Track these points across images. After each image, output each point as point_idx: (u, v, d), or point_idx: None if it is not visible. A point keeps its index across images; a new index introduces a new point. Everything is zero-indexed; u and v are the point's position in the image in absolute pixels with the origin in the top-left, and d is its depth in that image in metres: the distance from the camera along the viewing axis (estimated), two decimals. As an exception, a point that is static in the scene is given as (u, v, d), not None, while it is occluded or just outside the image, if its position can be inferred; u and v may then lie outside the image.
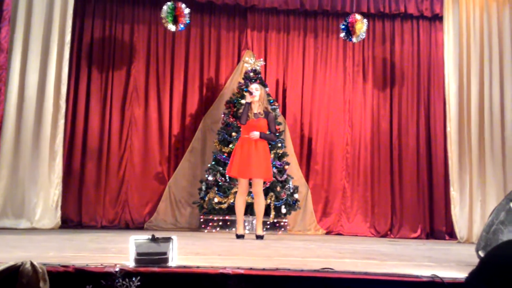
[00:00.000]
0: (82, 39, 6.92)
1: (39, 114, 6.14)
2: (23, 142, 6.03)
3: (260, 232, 5.19)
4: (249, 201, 6.08)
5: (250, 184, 5.34)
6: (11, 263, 1.90)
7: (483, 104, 6.60)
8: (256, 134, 5.14)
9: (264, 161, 5.19)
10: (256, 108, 5.25)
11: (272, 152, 6.31)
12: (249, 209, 6.03)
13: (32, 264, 1.88)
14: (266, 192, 6.28)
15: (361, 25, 6.42)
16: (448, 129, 6.69)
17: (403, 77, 7.36)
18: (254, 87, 5.30)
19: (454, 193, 6.54)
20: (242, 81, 6.88)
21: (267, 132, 5.23)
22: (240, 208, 5.20)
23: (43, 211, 6.07)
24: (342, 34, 6.55)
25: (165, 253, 2.11)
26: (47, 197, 6.11)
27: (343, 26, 6.49)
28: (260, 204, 5.21)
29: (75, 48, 6.79)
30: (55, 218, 6.16)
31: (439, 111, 7.17)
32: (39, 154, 6.09)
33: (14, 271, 1.87)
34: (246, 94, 5.27)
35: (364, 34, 6.52)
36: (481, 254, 2.75)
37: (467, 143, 6.60)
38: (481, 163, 6.53)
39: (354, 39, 6.52)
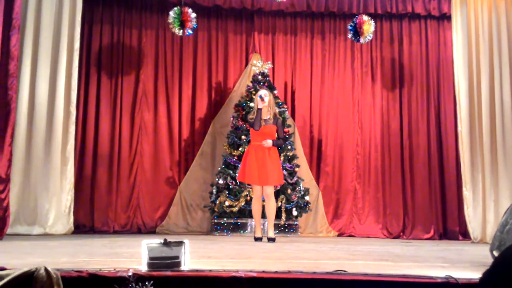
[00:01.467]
0: (91, 46, 6.97)
1: (50, 121, 6.19)
2: (34, 148, 6.08)
3: (271, 234, 5.23)
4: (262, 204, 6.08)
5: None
6: (25, 269, 1.92)
7: (494, 102, 6.54)
8: (269, 142, 5.28)
9: (278, 167, 5.39)
10: (265, 114, 5.30)
11: (282, 154, 6.31)
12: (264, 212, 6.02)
13: (46, 270, 1.90)
14: (277, 194, 6.27)
15: (369, 26, 6.40)
16: (459, 128, 6.64)
17: (412, 77, 7.32)
18: (263, 93, 5.36)
19: (466, 193, 6.48)
20: (251, 84, 6.88)
21: (276, 137, 5.35)
22: (257, 212, 5.36)
23: (55, 217, 6.11)
24: (349, 35, 6.53)
25: (177, 257, 2.11)
26: (59, 203, 6.15)
27: (351, 27, 6.47)
28: (271, 207, 5.31)
29: (84, 54, 6.84)
30: (68, 223, 6.20)
31: (450, 111, 7.12)
32: (50, 160, 6.14)
33: (28, 277, 1.89)
34: (258, 100, 5.29)
35: (371, 35, 6.50)
36: (496, 254, 2.73)
37: (478, 142, 6.54)
38: (493, 162, 6.47)
39: (361, 40, 6.50)
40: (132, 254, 3.14)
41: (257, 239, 5.27)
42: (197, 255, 3.07)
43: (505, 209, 3.03)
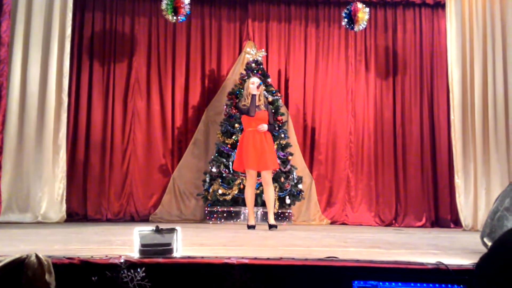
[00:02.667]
0: (83, 33, 6.91)
1: (42, 108, 6.14)
2: (26, 136, 6.04)
3: (272, 221, 5.22)
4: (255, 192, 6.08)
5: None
6: (17, 255, 1.91)
7: (487, 91, 6.55)
8: (265, 126, 5.30)
9: (274, 152, 5.46)
10: (258, 101, 5.31)
11: (275, 142, 6.31)
12: (257, 200, 6.03)
13: (37, 257, 1.89)
14: (270, 182, 6.27)
15: (363, 14, 6.38)
16: (451, 117, 6.65)
17: (406, 66, 7.32)
18: (256, 81, 5.39)
19: (458, 181, 6.52)
20: (244, 72, 6.85)
21: (268, 123, 5.38)
22: (250, 200, 5.33)
23: (48, 204, 6.09)
24: (343, 23, 6.51)
25: (169, 244, 2.11)
26: (51, 191, 6.13)
27: (345, 15, 6.45)
28: (271, 194, 5.31)
29: (76, 41, 6.78)
30: (60, 211, 6.18)
31: (443, 100, 7.14)
32: (42, 148, 6.10)
33: (19, 263, 1.88)
34: (253, 86, 5.27)
35: (365, 23, 6.49)
36: (486, 241, 2.75)
37: (471, 131, 6.56)
38: (485, 151, 6.50)
39: (356, 28, 6.48)
40: (124, 242, 3.13)
41: (250, 227, 5.23)
42: (190, 243, 3.07)
43: (496, 197, 3.06)
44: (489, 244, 2.68)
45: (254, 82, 5.36)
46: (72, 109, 6.73)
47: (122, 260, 1.96)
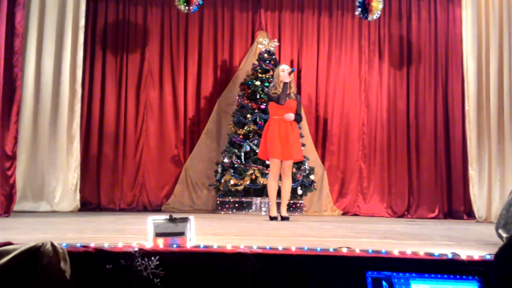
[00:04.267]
0: (96, 23, 6.93)
1: (56, 99, 6.19)
2: (40, 126, 6.10)
3: (285, 213, 5.19)
4: (264, 182, 6.10)
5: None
6: (32, 244, 1.93)
7: (502, 82, 6.45)
8: (291, 115, 5.18)
9: (299, 142, 5.37)
10: (288, 89, 5.20)
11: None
12: (266, 191, 6.03)
13: (52, 245, 1.91)
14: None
15: (377, 4, 6.31)
16: (466, 107, 6.57)
17: (420, 55, 7.23)
18: (286, 68, 5.24)
19: (472, 172, 6.45)
20: (257, 63, 6.84)
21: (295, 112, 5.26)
22: (273, 190, 5.23)
23: (62, 194, 6.16)
24: (357, 12, 6.44)
25: (183, 233, 2.12)
26: (66, 180, 6.20)
27: (359, 4, 6.37)
28: (288, 187, 5.27)
29: (89, 32, 6.81)
30: (74, 201, 6.25)
31: (457, 90, 7.05)
32: (57, 138, 6.16)
33: (35, 251, 1.90)
34: (284, 74, 5.14)
35: (380, 13, 6.41)
36: (501, 232, 2.72)
37: (485, 122, 6.47)
38: (500, 142, 6.41)
39: (369, 17, 6.41)
40: (138, 231, 3.16)
41: (273, 218, 5.13)
42: (203, 232, 3.09)
43: (510, 188, 3.02)
44: (504, 235, 2.65)
45: (284, 69, 5.20)
46: (86, 99, 6.77)
47: (136, 249, 1.98)
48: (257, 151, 6.03)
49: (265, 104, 6.38)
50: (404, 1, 7.29)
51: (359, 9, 6.39)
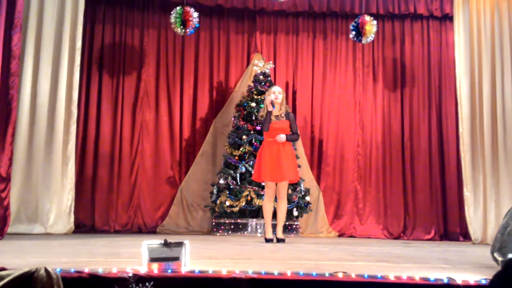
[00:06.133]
0: (93, 45, 6.98)
1: (51, 120, 6.18)
2: (35, 147, 6.08)
3: (280, 235, 5.20)
4: (260, 204, 6.09)
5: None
6: (26, 269, 1.91)
7: (496, 104, 6.52)
8: (282, 137, 5.21)
9: (293, 163, 5.33)
10: (278, 110, 5.28)
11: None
12: (261, 213, 6.02)
13: (46, 270, 1.89)
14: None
15: (371, 27, 6.40)
16: (460, 129, 6.61)
17: (414, 78, 7.31)
18: (277, 90, 5.34)
19: (467, 194, 6.46)
20: (252, 84, 6.88)
21: (290, 133, 5.29)
22: (268, 212, 5.25)
23: (56, 216, 6.10)
24: (351, 35, 6.53)
25: (177, 258, 2.11)
26: (60, 202, 6.15)
27: (353, 27, 6.47)
28: (283, 208, 5.29)
29: (86, 53, 6.84)
30: (69, 223, 6.19)
31: (451, 112, 7.11)
32: (51, 159, 6.14)
33: (29, 277, 1.88)
34: (269, 104, 5.24)
35: (373, 36, 6.50)
36: (497, 256, 2.72)
37: (479, 143, 6.52)
38: (494, 163, 6.45)
39: (363, 40, 6.50)
40: (133, 254, 3.13)
41: (268, 241, 5.15)
42: (198, 255, 3.07)
43: (506, 209, 3.03)
44: (500, 259, 2.65)
45: (275, 91, 5.31)
46: (82, 121, 6.77)
47: (130, 274, 1.96)
48: (252, 172, 6.04)
49: (260, 125, 6.42)
50: (397, 25, 7.40)
51: (353, 32, 6.48)
